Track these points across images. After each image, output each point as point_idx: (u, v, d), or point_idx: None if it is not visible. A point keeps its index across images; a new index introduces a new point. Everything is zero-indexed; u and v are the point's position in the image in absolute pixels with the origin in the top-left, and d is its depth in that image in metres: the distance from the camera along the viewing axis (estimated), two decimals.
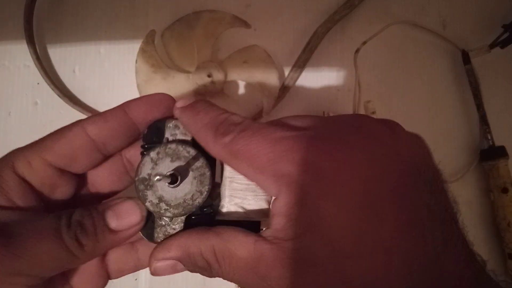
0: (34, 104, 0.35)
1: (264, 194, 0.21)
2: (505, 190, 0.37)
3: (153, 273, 0.20)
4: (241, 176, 0.20)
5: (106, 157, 0.22)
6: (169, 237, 0.20)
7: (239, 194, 0.20)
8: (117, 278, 0.24)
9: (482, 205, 0.40)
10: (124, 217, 0.19)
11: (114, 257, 0.23)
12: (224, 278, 0.18)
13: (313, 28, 0.37)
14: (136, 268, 0.23)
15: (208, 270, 0.19)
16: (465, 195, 0.40)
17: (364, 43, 0.36)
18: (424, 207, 0.17)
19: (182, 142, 0.21)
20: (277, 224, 0.17)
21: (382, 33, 0.37)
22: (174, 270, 0.20)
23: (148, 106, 0.21)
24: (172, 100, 0.22)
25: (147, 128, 0.22)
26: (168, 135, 0.22)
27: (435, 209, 0.17)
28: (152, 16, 0.37)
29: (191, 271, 0.20)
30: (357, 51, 0.36)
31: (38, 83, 0.35)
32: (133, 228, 0.20)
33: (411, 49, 0.40)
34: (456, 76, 0.41)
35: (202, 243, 0.18)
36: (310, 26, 0.38)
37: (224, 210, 0.21)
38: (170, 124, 0.22)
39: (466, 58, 0.39)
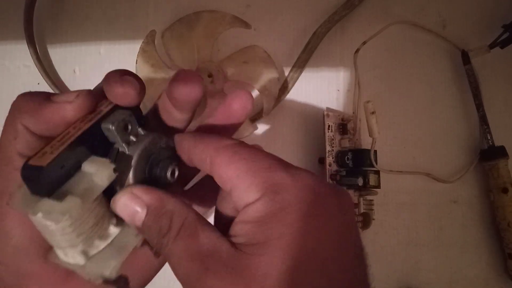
0: None
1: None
2: (505, 190, 0.37)
3: (112, 203, 0.18)
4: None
5: None
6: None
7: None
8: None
9: (482, 205, 0.40)
10: None
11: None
12: (164, 255, 0.18)
13: (313, 28, 0.37)
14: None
15: (158, 236, 0.18)
16: (465, 195, 0.40)
17: (364, 43, 0.36)
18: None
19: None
20: (244, 228, 0.17)
21: (382, 33, 0.37)
22: (130, 216, 0.18)
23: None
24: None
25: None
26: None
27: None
28: (152, 17, 0.37)
29: (140, 230, 0.18)
30: (357, 51, 0.36)
31: (38, 83, 0.35)
32: None
33: (411, 49, 0.40)
34: (456, 76, 0.41)
35: (179, 207, 0.18)
36: (310, 26, 0.38)
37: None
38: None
39: (466, 58, 0.39)
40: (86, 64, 0.36)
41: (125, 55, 0.36)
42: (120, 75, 0.18)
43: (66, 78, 0.36)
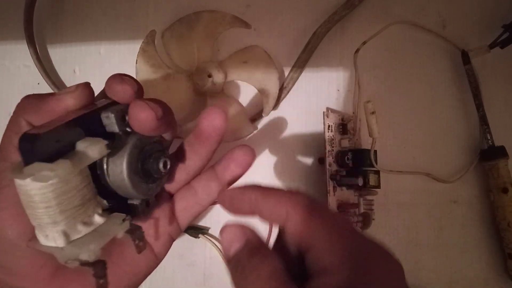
0: None
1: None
2: (505, 190, 0.37)
3: (219, 195, 0.21)
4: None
5: None
6: None
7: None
8: (185, 228, 0.25)
9: (482, 205, 0.40)
10: None
11: (181, 206, 0.24)
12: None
13: (313, 28, 0.37)
14: (198, 211, 0.24)
15: (244, 272, 0.18)
16: (465, 195, 0.40)
17: (364, 43, 0.36)
18: None
19: None
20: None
21: (382, 33, 0.37)
22: (228, 242, 0.19)
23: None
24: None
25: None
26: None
27: None
28: (152, 16, 0.37)
29: (229, 259, 0.19)
30: (357, 51, 0.36)
31: (38, 83, 0.35)
32: None
33: (411, 49, 0.40)
34: (456, 76, 0.41)
35: (271, 255, 0.18)
36: (310, 26, 0.38)
37: None
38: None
39: (466, 58, 0.39)
40: (86, 64, 0.36)
41: (125, 55, 0.36)
42: (120, 76, 0.19)
43: (66, 78, 0.36)
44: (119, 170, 0.19)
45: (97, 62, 0.36)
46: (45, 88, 0.34)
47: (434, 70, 0.41)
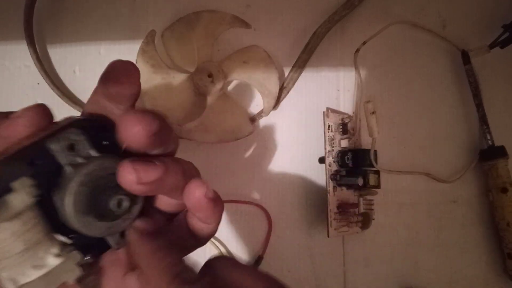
0: None
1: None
2: (504, 190, 0.37)
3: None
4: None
5: None
6: None
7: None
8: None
9: (481, 205, 0.40)
10: None
11: None
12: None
13: (313, 28, 0.37)
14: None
15: None
16: (464, 195, 0.40)
17: (364, 43, 0.36)
18: None
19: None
20: None
21: (382, 33, 0.37)
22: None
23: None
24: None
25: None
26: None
27: None
28: (152, 16, 0.37)
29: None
30: (357, 51, 0.36)
31: (38, 84, 0.35)
32: None
33: (411, 49, 0.40)
34: (456, 76, 0.41)
35: None
36: (310, 26, 0.38)
37: None
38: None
39: (466, 58, 0.39)
40: (86, 64, 0.36)
41: (125, 55, 0.36)
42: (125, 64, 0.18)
43: (66, 78, 0.36)
44: (66, 210, 0.16)
45: (97, 62, 0.36)
46: (45, 88, 0.34)
47: (434, 70, 0.41)
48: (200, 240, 0.20)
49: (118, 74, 0.19)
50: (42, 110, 0.17)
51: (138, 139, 0.16)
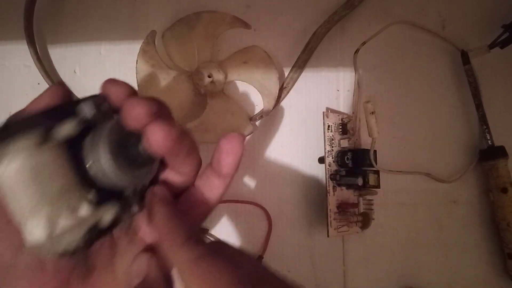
0: None
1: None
2: (504, 190, 0.37)
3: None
4: None
5: None
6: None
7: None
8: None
9: (481, 205, 0.40)
10: None
11: (187, 206, 0.23)
12: None
13: (313, 29, 0.37)
14: (207, 211, 0.23)
15: None
16: (464, 195, 0.40)
17: (364, 43, 0.36)
18: None
19: None
20: None
21: (382, 33, 0.37)
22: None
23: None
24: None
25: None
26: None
27: None
28: (152, 17, 0.37)
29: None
30: (356, 51, 0.36)
31: (38, 84, 0.35)
32: None
33: (411, 49, 0.40)
34: (455, 76, 0.41)
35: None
36: (310, 26, 0.38)
37: None
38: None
39: (465, 58, 0.39)
40: (86, 64, 0.36)
41: (125, 55, 0.36)
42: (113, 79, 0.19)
43: (66, 78, 0.36)
44: (99, 156, 0.17)
45: (97, 62, 0.36)
46: (45, 88, 0.34)
47: (434, 70, 0.41)
48: (204, 208, 0.22)
49: None
50: (63, 85, 0.20)
51: (164, 141, 0.18)
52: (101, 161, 0.17)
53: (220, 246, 0.21)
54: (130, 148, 0.18)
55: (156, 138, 0.17)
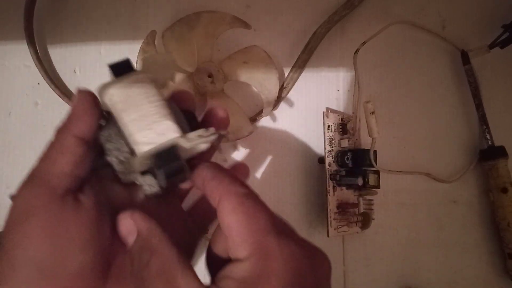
0: (34, 105, 0.35)
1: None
2: (504, 190, 0.37)
3: (118, 218, 0.21)
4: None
5: None
6: None
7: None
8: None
9: (481, 205, 0.40)
10: None
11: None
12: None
13: (313, 29, 0.37)
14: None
15: (139, 266, 0.19)
16: (464, 195, 0.40)
17: (364, 43, 0.36)
18: None
19: None
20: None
21: (382, 33, 0.37)
22: (125, 234, 0.21)
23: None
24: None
25: None
26: None
27: None
28: (152, 17, 0.37)
29: (129, 251, 0.20)
30: (356, 51, 0.36)
31: (38, 83, 0.35)
32: None
33: (411, 49, 0.40)
34: (455, 76, 0.41)
35: (162, 246, 0.19)
36: (310, 26, 0.38)
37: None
38: None
39: (465, 58, 0.39)
40: (86, 64, 0.36)
41: (125, 55, 0.36)
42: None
43: (66, 78, 0.36)
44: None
45: (97, 62, 0.36)
46: (45, 88, 0.34)
47: (434, 70, 0.41)
48: None
49: None
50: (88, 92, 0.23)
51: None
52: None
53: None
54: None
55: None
